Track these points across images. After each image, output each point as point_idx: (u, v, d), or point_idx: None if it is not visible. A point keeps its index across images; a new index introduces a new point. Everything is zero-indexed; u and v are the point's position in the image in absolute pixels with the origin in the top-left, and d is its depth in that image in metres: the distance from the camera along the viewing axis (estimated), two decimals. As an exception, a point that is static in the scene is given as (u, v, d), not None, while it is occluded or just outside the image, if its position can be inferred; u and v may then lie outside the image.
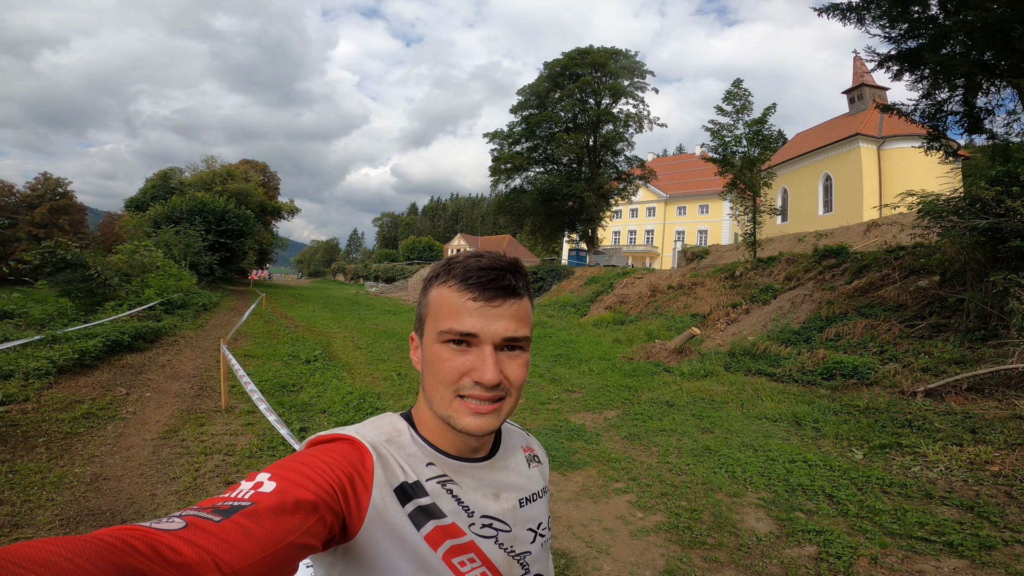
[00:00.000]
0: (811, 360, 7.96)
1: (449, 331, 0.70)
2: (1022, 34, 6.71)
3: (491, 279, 0.70)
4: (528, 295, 0.76)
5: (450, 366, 0.70)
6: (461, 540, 0.70)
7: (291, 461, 0.63)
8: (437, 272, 0.75)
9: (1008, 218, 6.73)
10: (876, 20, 9.00)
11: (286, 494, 0.55)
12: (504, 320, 0.70)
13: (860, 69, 29.67)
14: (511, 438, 0.89)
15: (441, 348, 0.71)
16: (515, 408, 0.75)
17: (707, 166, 19.47)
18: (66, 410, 5.41)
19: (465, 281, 0.70)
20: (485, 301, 0.70)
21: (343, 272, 74.06)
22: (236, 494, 0.56)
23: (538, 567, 0.81)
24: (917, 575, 2.94)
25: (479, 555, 0.71)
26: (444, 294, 0.72)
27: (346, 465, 0.65)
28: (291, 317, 17.39)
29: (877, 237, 15.39)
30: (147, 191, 39.91)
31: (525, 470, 0.86)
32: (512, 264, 0.74)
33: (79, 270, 11.27)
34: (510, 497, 0.79)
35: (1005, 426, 4.88)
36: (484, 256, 0.73)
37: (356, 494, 0.64)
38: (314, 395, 6.65)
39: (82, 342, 7.55)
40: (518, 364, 0.72)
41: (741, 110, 15.62)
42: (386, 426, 0.76)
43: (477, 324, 0.69)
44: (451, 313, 0.70)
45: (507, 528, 0.76)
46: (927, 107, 9.23)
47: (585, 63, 28.75)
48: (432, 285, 0.75)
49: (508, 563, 0.75)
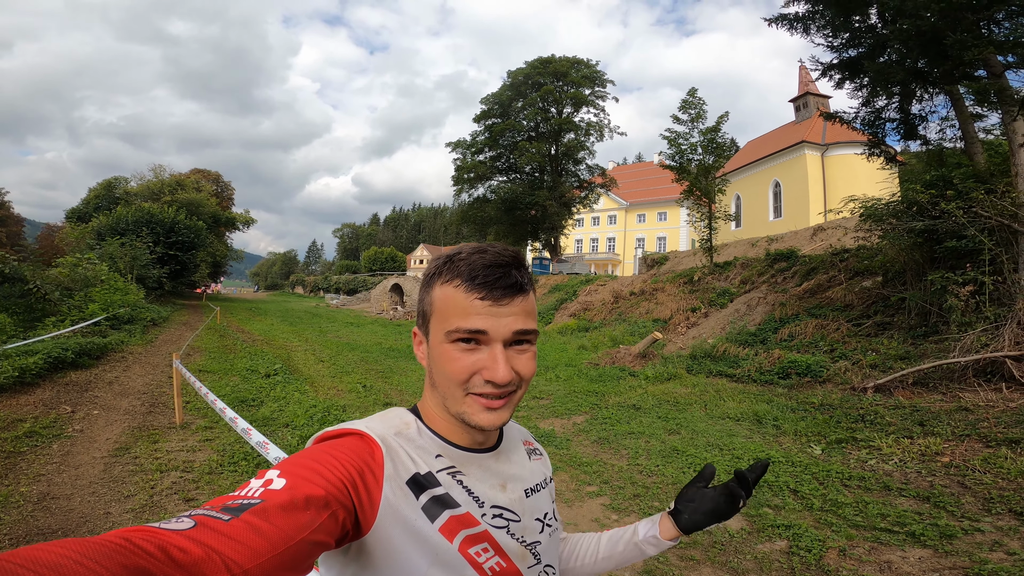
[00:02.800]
0: (768, 360, 8.27)
1: (457, 330, 0.69)
2: (954, 42, 7.14)
3: (498, 277, 0.70)
4: (532, 289, 0.76)
5: (460, 365, 0.70)
6: (476, 530, 0.70)
7: (301, 457, 0.62)
8: (440, 269, 0.74)
9: (943, 220, 7.18)
10: (820, 30, 9.45)
11: (296, 491, 0.55)
12: (513, 317, 0.70)
13: (805, 78, 31.13)
14: (512, 431, 0.90)
15: (450, 347, 0.71)
16: (522, 398, 0.76)
17: (665, 174, 20.10)
18: (7, 429, 5.14)
19: (472, 280, 0.70)
20: (493, 300, 0.69)
21: (302, 284, 72.09)
22: (246, 492, 0.55)
23: (549, 557, 0.81)
24: (885, 565, 3.04)
25: (493, 545, 0.71)
26: (450, 293, 0.71)
27: (356, 459, 0.64)
28: (248, 331, 16.76)
29: (823, 241, 16.19)
30: (90, 201, 37.74)
31: (527, 463, 0.86)
32: (516, 258, 0.73)
33: (17, 284, 10.71)
34: (516, 487, 0.80)
35: (951, 418, 5.15)
36: (487, 252, 0.73)
37: (367, 488, 0.63)
38: (275, 409, 6.42)
39: (21, 359, 7.12)
40: (527, 358, 0.73)
41: (696, 119, 16.21)
42: (394, 419, 0.76)
43: (486, 323, 0.69)
44: (458, 313, 0.70)
45: (517, 518, 0.76)
46: (867, 114, 9.74)
47: (547, 72, 29.25)
48: (435, 283, 0.74)
49: (521, 552, 0.75)
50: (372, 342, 15.16)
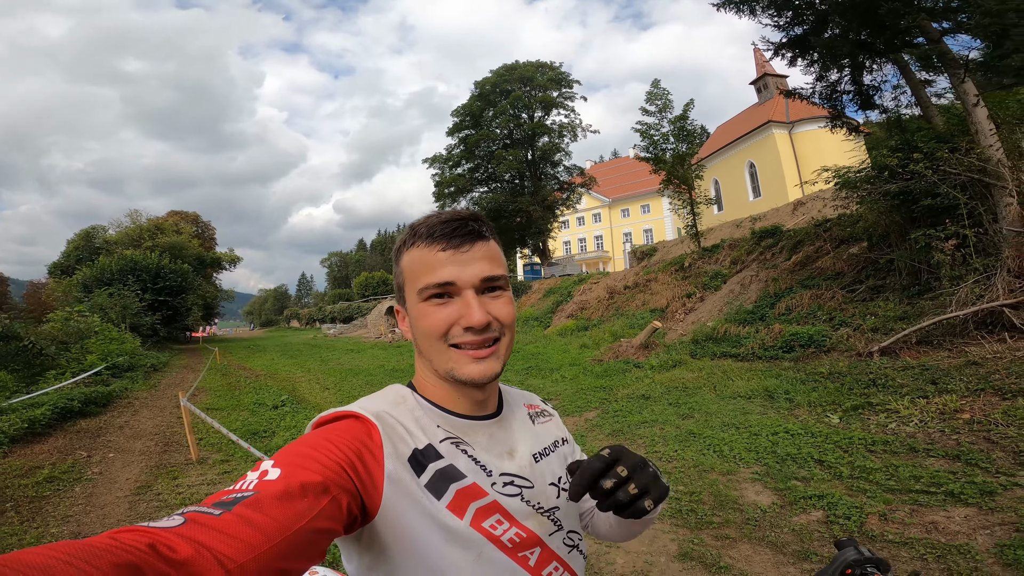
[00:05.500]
0: (769, 336, 8.36)
1: (427, 286, 0.71)
2: (888, 10, 7.29)
3: (455, 228, 0.72)
4: (495, 239, 0.77)
5: (436, 318, 0.71)
6: (485, 500, 0.69)
7: (296, 445, 0.62)
8: (404, 239, 0.76)
9: (915, 180, 7.35)
10: (765, 10, 9.61)
11: (292, 479, 0.54)
12: (477, 263, 0.71)
13: (760, 59, 31.63)
14: (512, 396, 0.89)
15: (425, 305, 0.72)
16: (511, 349, 0.76)
17: (643, 167, 20.28)
18: (27, 476, 5.14)
19: (431, 236, 0.72)
20: (454, 248, 0.71)
21: (297, 318, 71.40)
22: (241, 485, 0.54)
23: (570, 523, 0.79)
24: (931, 526, 3.02)
25: (505, 515, 0.70)
26: (415, 255, 0.73)
27: (352, 441, 0.63)
28: (249, 367, 16.61)
29: (805, 214, 16.44)
30: (70, 254, 37.23)
31: (530, 427, 0.85)
32: (472, 214, 0.75)
33: (12, 342, 10.71)
34: (523, 453, 0.79)
35: (962, 373, 5.13)
36: (443, 212, 0.76)
37: (368, 469, 0.62)
38: (287, 438, 6.40)
39: (29, 411, 7.10)
40: (502, 302, 0.73)
41: (664, 108, 16.51)
42: (390, 395, 0.76)
43: (452, 272, 0.70)
44: (426, 269, 0.71)
45: (529, 484, 0.75)
46: (823, 89, 9.90)
47: (513, 78, 29.45)
48: (403, 252, 0.76)
49: (538, 520, 0.73)
50: (375, 365, 15.09)
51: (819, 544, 3.03)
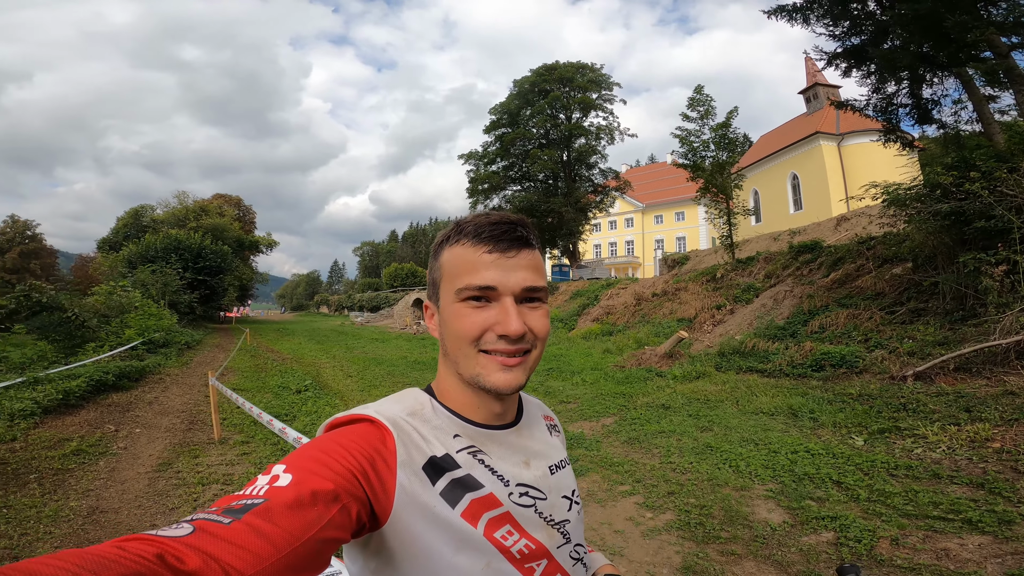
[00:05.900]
0: (799, 353, 8.09)
1: (467, 287, 0.68)
2: (954, 24, 6.97)
3: (504, 231, 0.70)
4: (540, 249, 0.75)
5: (471, 321, 0.68)
6: (498, 511, 0.67)
7: (308, 448, 0.60)
8: (448, 234, 0.74)
9: (969, 201, 6.99)
10: (820, 19, 9.34)
11: (303, 486, 0.53)
12: (522, 271, 0.69)
13: (812, 69, 30.66)
14: (531, 406, 0.87)
15: (461, 306, 0.69)
16: (539, 362, 0.74)
17: (680, 173, 19.95)
18: (55, 448, 5.34)
19: (478, 236, 0.70)
20: (500, 252, 0.69)
21: (327, 304, 73.15)
22: (251, 491, 0.53)
23: (577, 536, 0.78)
24: (942, 553, 2.92)
25: (516, 526, 0.68)
26: (458, 252, 0.71)
27: (366, 447, 0.62)
28: (277, 350, 17.09)
29: (848, 231, 15.83)
30: (119, 230, 39.04)
31: (548, 438, 0.83)
32: (521, 218, 0.73)
33: (56, 313, 11.11)
34: (540, 464, 0.77)
35: (999, 402, 4.92)
36: (492, 213, 0.73)
37: (380, 477, 0.61)
38: (308, 423, 6.53)
39: (65, 383, 7.43)
40: (540, 315, 0.71)
41: (705, 115, 16.11)
42: (408, 400, 0.74)
43: (496, 276, 0.68)
44: (468, 269, 0.69)
45: (543, 496, 0.73)
46: (878, 101, 9.55)
47: (553, 78, 29.37)
48: (444, 247, 0.74)
49: (548, 533, 0.72)
50: (398, 356, 15.31)
51: (825, 566, 2.93)
